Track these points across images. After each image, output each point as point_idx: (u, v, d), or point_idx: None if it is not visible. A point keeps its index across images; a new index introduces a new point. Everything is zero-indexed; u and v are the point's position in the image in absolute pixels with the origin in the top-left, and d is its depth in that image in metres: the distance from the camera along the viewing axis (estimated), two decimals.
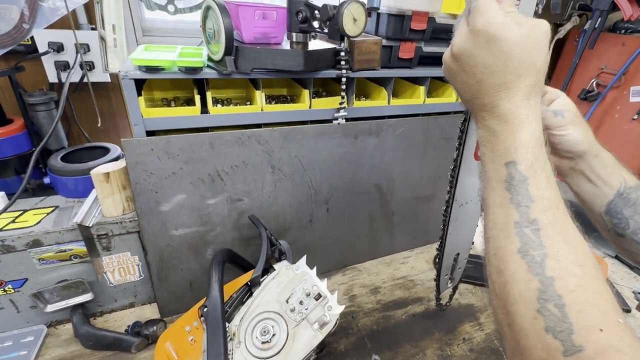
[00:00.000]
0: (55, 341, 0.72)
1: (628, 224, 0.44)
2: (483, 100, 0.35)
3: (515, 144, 0.33)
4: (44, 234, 0.65)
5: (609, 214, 0.45)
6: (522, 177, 0.32)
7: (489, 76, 0.33)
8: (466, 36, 0.34)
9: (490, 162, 0.34)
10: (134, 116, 0.64)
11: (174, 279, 0.77)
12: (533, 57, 0.33)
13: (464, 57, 0.34)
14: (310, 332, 0.59)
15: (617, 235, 0.46)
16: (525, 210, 0.31)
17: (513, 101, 0.33)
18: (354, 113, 0.87)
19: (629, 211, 0.44)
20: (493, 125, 0.34)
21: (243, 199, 0.77)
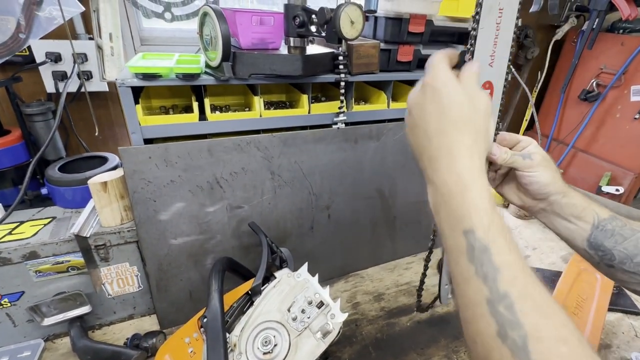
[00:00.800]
0: (53, 355, 0.70)
1: (613, 255, 0.45)
2: (428, 152, 0.36)
3: (468, 208, 0.33)
4: (41, 246, 0.64)
5: (593, 247, 0.46)
6: (482, 246, 0.31)
7: (432, 127, 0.35)
8: (418, 89, 0.37)
9: (448, 229, 0.34)
10: (132, 124, 0.63)
11: (174, 290, 0.76)
12: (472, 116, 0.35)
13: (415, 109, 0.37)
14: (313, 341, 0.57)
15: (607, 266, 0.46)
16: (494, 284, 0.30)
17: (456, 158, 0.34)
18: (354, 117, 0.86)
19: (610, 242, 0.45)
20: (440, 186, 0.35)
21: (243, 206, 0.76)
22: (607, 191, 1.50)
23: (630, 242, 0.44)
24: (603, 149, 1.60)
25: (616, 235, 0.45)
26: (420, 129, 0.36)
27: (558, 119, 1.77)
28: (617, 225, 0.45)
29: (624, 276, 0.45)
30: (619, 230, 0.45)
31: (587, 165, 1.65)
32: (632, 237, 0.44)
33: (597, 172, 1.60)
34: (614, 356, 0.75)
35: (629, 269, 0.44)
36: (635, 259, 0.44)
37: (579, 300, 0.87)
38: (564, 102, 1.75)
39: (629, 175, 1.48)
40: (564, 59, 1.76)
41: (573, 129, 1.69)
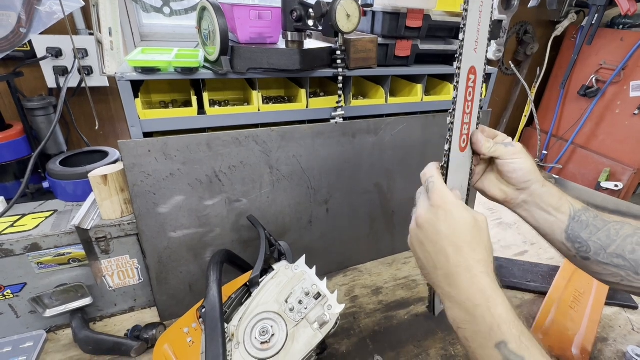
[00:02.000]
0: (55, 346, 0.71)
1: (589, 246, 0.46)
2: (445, 269, 0.38)
3: (497, 321, 0.34)
4: (43, 238, 0.65)
5: (570, 240, 0.47)
6: (518, 357, 0.32)
7: (447, 243, 0.37)
8: (428, 209, 0.40)
9: (479, 347, 0.35)
10: (131, 118, 0.64)
11: (174, 282, 0.77)
12: (480, 233, 0.38)
13: (427, 226, 0.39)
14: (310, 331, 0.58)
15: (583, 259, 0.47)
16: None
17: (474, 273, 0.36)
18: (352, 112, 0.87)
19: (585, 234, 0.46)
20: (463, 302, 0.36)
21: (241, 200, 0.77)
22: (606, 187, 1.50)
23: (602, 232, 0.45)
24: (602, 144, 1.60)
25: (590, 227, 0.46)
26: (435, 246, 0.38)
27: (557, 115, 1.77)
28: (590, 216, 0.47)
29: (598, 268, 0.46)
30: (592, 222, 0.46)
31: (586, 161, 1.65)
32: (604, 228, 0.46)
33: (596, 168, 1.60)
34: (610, 349, 0.76)
35: (602, 260, 0.45)
36: (609, 249, 0.45)
37: (577, 295, 0.88)
38: (564, 98, 1.75)
39: (628, 170, 1.48)
40: (564, 54, 1.76)
41: (572, 125, 1.69)
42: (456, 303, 0.37)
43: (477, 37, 0.47)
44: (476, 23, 0.46)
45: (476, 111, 0.50)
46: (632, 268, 0.43)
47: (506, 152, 0.48)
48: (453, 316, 0.38)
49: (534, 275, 0.97)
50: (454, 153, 0.48)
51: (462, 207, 0.39)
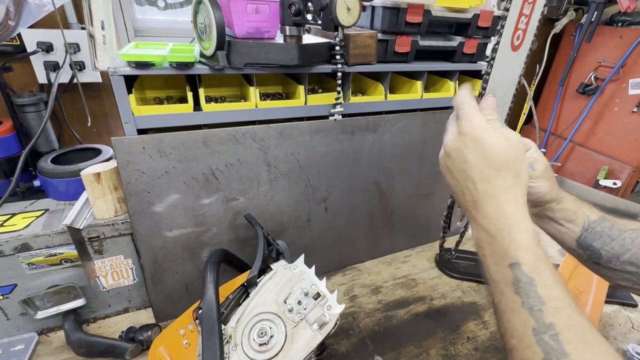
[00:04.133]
0: (47, 349, 0.69)
1: (601, 254, 0.47)
2: (473, 196, 0.39)
3: (515, 244, 0.35)
4: (33, 238, 0.63)
5: (581, 247, 0.48)
6: (528, 278, 0.34)
7: (475, 171, 0.38)
8: (455, 137, 0.40)
9: (493, 264, 0.37)
10: (125, 114, 0.62)
11: (169, 282, 0.75)
12: (511, 159, 0.38)
13: (454, 154, 0.40)
14: (310, 332, 0.56)
15: (593, 264, 0.48)
16: (540, 315, 0.32)
17: (499, 200, 0.37)
18: (351, 109, 0.85)
19: (598, 243, 0.47)
20: (487, 226, 0.37)
21: (238, 199, 0.75)
22: (605, 185, 1.50)
23: (617, 242, 0.46)
24: (601, 142, 1.60)
25: (604, 237, 0.46)
26: (462, 174, 0.39)
27: (556, 112, 1.77)
28: (605, 226, 0.47)
29: (609, 272, 0.47)
30: (607, 232, 0.47)
31: (584, 159, 1.65)
32: (619, 238, 0.46)
33: (594, 165, 1.60)
34: None
35: (614, 267, 0.46)
36: (622, 257, 0.45)
37: (576, 293, 0.87)
38: (562, 96, 1.74)
39: (627, 168, 1.48)
40: (563, 52, 1.76)
41: (571, 122, 1.68)
42: (480, 226, 0.38)
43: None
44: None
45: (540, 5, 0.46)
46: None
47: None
48: (477, 236, 0.39)
49: None
50: (503, 50, 0.45)
51: (491, 132, 0.38)
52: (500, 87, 0.47)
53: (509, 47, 0.46)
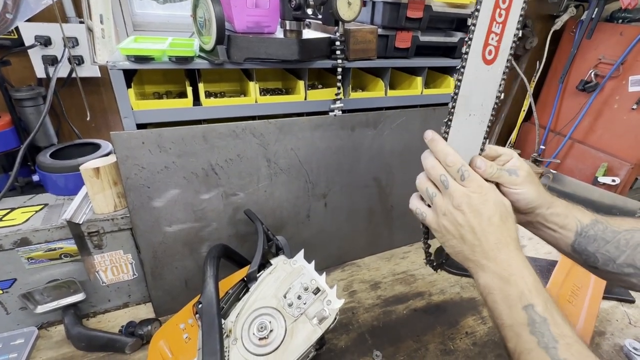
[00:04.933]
0: (47, 343, 0.69)
1: (597, 258, 0.48)
2: (483, 247, 0.41)
3: (529, 287, 0.38)
4: (33, 232, 0.63)
5: (576, 252, 0.49)
6: (541, 318, 0.37)
7: (488, 225, 0.41)
8: (466, 194, 0.42)
9: (506, 308, 0.39)
10: (124, 109, 0.62)
11: (169, 278, 0.75)
12: (511, 216, 0.43)
13: (467, 209, 0.42)
14: (309, 327, 0.57)
15: (590, 267, 0.49)
16: (555, 352, 0.35)
17: (510, 249, 0.41)
18: (351, 105, 0.85)
19: (593, 247, 0.48)
20: (500, 272, 0.40)
21: (238, 194, 0.75)
22: (604, 182, 1.51)
23: (611, 244, 0.46)
24: (600, 139, 1.60)
25: (599, 240, 0.47)
26: (475, 227, 0.42)
27: (556, 109, 1.77)
28: (599, 229, 0.48)
29: (608, 275, 0.48)
30: (601, 235, 0.47)
31: (583, 156, 1.65)
32: (613, 240, 0.47)
33: (593, 162, 1.60)
34: (607, 343, 0.76)
35: (612, 270, 0.47)
36: (618, 260, 0.46)
37: (574, 289, 0.88)
38: (562, 93, 1.74)
39: (626, 165, 1.48)
40: (563, 49, 1.75)
41: (571, 119, 1.68)
42: (491, 273, 0.41)
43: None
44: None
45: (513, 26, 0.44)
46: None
47: (509, 181, 0.46)
48: (485, 283, 0.42)
49: None
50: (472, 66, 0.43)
51: (496, 191, 0.43)
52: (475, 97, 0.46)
53: (480, 60, 0.45)
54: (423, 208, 0.48)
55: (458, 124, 0.46)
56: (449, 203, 0.43)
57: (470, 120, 0.46)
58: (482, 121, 0.47)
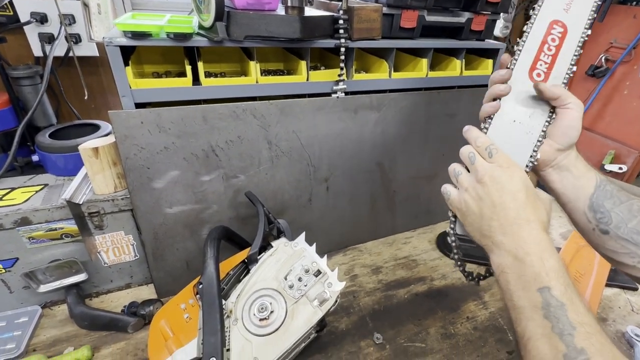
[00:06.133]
0: (51, 322, 0.70)
1: (611, 217, 0.45)
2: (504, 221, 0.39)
3: (546, 269, 0.35)
4: (33, 212, 0.63)
5: (593, 208, 0.46)
6: (559, 303, 0.33)
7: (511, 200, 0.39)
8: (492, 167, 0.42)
9: (520, 289, 0.36)
10: (122, 87, 0.60)
11: (170, 259, 0.75)
12: (543, 205, 0.40)
13: (491, 182, 0.41)
14: (310, 308, 0.57)
15: (601, 232, 0.46)
16: (570, 340, 0.31)
17: (533, 227, 0.38)
18: (354, 87, 0.83)
19: (609, 203, 0.45)
20: (516, 250, 0.37)
21: (239, 176, 0.74)
22: (610, 169, 1.48)
23: (625, 205, 0.45)
24: (608, 126, 1.57)
25: (614, 197, 0.45)
26: (496, 200, 0.40)
27: None
28: (614, 188, 0.46)
29: (616, 245, 0.45)
30: (617, 193, 0.46)
31: (591, 143, 1.63)
32: (627, 202, 0.45)
33: (600, 150, 1.57)
34: (610, 329, 0.76)
35: (622, 235, 0.44)
36: (630, 223, 0.44)
37: (577, 276, 0.87)
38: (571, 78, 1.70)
39: (633, 153, 1.45)
40: None
41: None
42: (506, 250, 0.38)
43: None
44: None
45: (565, 67, 0.47)
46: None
47: (561, 93, 0.45)
48: (499, 261, 0.39)
49: None
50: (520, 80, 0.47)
51: (523, 172, 0.42)
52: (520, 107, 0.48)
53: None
54: (449, 188, 0.47)
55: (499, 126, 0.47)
56: (472, 178, 0.43)
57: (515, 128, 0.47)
58: (529, 132, 0.47)
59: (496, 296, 0.83)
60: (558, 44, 0.47)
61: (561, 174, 0.47)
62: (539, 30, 0.47)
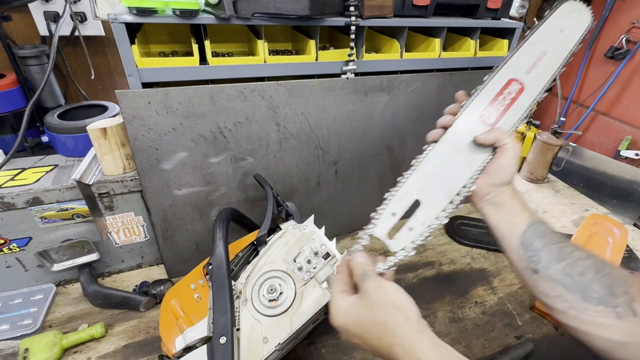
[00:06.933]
0: (65, 299, 0.72)
1: (540, 257, 0.45)
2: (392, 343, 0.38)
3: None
4: (44, 192, 0.63)
5: (524, 245, 0.46)
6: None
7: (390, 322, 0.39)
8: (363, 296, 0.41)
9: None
10: (128, 66, 0.59)
11: (180, 241, 0.76)
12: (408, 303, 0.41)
13: (379, 305, 0.40)
14: (319, 291, 0.57)
15: (532, 272, 0.45)
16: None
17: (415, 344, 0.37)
18: (364, 67, 0.81)
19: (539, 243, 0.45)
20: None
21: (247, 159, 0.74)
22: (626, 155, 1.44)
23: (556, 247, 0.44)
24: (626, 111, 1.51)
25: (546, 237, 0.45)
26: (381, 325, 0.39)
27: (580, 78, 1.67)
28: (547, 229, 0.46)
29: (547, 286, 0.44)
30: (549, 234, 0.46)
31: (606, 128, 1.58)
32: (559, 243, 0.45)
33: (616, 135, 1.52)
34: None
35: (551, 275, 0.43)
36: (559, 264, 0.43)
37: None
38: (589, 61, 1.63)
39: None
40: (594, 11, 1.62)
41: (595, 90, 1.59)
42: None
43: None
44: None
45: (515, 118, 0.50)
46: (578, 292, 0.41)
47: (505, 137, 0.47)
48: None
49: None
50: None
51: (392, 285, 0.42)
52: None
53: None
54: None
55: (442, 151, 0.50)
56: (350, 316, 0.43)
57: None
58: (468, 164, 0.48)
59: (505, 282, 0.83)
60: (514, 97, 0.50)
61: (495, 209, 0.48)
62: (497, 83, 0.51)
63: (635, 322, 0.38)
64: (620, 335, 0.39)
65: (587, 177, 1.36)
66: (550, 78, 0.51)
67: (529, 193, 1.21)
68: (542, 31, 0.54)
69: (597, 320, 0.40)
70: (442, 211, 0.47)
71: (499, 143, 0.47)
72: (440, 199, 0.48)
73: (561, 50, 0.52)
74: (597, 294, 0.40)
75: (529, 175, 1.29)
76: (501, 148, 0.47)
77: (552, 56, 0.52)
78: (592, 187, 1.32)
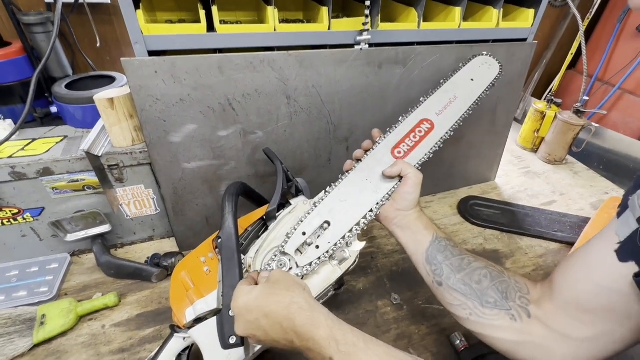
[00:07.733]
0: (79, 269, 0.74)
1: (442, 269, 0.49)
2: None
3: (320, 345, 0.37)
4: (54, 163, 0.63)
5: (428, 260, 0.51)
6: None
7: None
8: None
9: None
10: (133, 33, 0.57)
11: (190, 214, 0.76)
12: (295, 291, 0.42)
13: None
14: (329, 267, 0.56)
15: (437, 285, 0.50)
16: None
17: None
18: (379, 38, 0.76)
19: (441, 257, 0.50)
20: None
21: (257, 132, 0.72)
22: None
23: (456, 259, 0.49)
24: None
25: (447, 251, 0.50)
26: (282, 290, 0.42)
27: (607, 55, 1.57)
28: (449, 244, 0.51)
29: (450, 296, 0.48)
30: (450, 248, 0.50)
31: (633, 108, 1.50)
32: (459, 256, 0.49)
33: None
34: None
35: (452, 285, 0.48)
36: (458, 275, 0.48)
37: None
38: (618, 35, 1.53)
39: None
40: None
41: (623, 67, 1.50)
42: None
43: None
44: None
45: (422, 153, 0.59)
46: (477, 298, 0.45)
47: (408, 168, 0.54)
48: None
49: (561, 225, 0.92)
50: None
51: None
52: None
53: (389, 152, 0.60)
54: None
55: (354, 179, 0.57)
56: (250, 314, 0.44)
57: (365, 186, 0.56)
58: (375, 192, 0.55)
59: (518, 264, 0.81)
60: (423, 135, 0.59)
61: (403, 231, 0.54)
62: (411, 122, 0.60)
63: (529, 322, 0.42)
64: (517, 336, 0.42)
65: (608, 159, 1.31)
66: (457, 119, 0.60)
67: (546, 175, 1.17)
68: (455, 80, 0.65)
69: (494, 323, 0.43)
70: (349, 232, 0.53)
71: (403, 173, 0.54)
72: (348, 221, 0.54)
73: (470, 96, 0.62)
74: (493, 299, 0.45)
75: (546, 156, 1.24)
76: (405, 177, 0.54)
77: (462, 101, 0.62)
78: (613, 169, 1.27)
